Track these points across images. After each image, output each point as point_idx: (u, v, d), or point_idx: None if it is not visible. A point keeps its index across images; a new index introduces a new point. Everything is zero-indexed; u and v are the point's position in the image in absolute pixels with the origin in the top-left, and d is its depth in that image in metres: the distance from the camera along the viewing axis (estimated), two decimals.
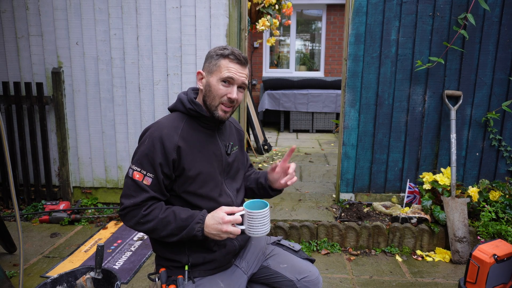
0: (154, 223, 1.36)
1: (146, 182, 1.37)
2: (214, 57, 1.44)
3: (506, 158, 3.18)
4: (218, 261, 1.48)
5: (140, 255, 2.81)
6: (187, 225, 1.35)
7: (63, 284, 1.70)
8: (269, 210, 1.40)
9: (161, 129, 1.40)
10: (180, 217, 1.36)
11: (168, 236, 1.37)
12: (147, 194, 1.36)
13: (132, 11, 3.28)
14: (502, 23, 3.00)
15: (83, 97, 3.44)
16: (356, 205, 3.26)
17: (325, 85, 6.99)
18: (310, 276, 1.57)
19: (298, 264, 1.60)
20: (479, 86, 3.11)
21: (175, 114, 1.49)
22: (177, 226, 1.35)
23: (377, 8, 3.05)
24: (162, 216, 1.36)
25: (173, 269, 1.48)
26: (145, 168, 1.37)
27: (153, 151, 1.37)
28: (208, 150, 1.48)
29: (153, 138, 1.38)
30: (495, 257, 2.16)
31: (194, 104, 1.45)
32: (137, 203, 1.36)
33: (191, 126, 1.46)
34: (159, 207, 1.38)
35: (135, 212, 1.37)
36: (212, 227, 1.34)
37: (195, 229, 1.35)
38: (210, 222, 1.35)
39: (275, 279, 1.59)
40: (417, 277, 2.59)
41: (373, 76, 3.15)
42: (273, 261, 1.61)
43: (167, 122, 1.44)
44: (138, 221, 1.37)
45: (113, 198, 3.60)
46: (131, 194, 1.37)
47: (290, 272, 1.57)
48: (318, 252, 2.90)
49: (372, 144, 3.25)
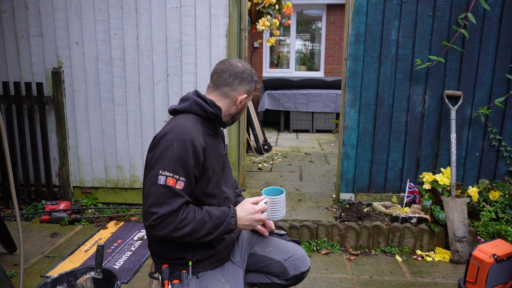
0: (192, 226, 1.36)
1: (179, 186, 1.35)
2: (252, 82, 1.57)
3: (506, 158, 3.18)
4: (220, 253, 1.54)
5: (140, 255, 2.82)
6: (223, 221, 1.41)
7: (63, 284, 1.70)
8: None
9: (189, 131, 1.39)
10: (215, 215, 1.41)
11: (205, 236, 1.39)
12: (183, 199, 1.35)
13: (132, 11, 3.28)
14: (502, 23, 3.00)
15: (83, 97, 3.44)
16: (356, 205, 3.26)
17: (325, 85, 6.98)
18: (297, 254, 1.67)
19: (283, 246, 1.69)
20: (479, 86, 3.11)
21: (191, 116, 1.48)
22: (213, 224, 1.39)
23: (377, 8, 3.05)
24: (199, 217, 1.38)
25: (176, 265, 1.50)
26: (178, 172, 1.34)
27: (186, 155, 1.35)
28: (217, 151, 1.55)
29: (183, 141, 1.36)
30: (495, 257, 2.16)
31: (216, 108, 1.50)
32: (174, 210, 1.33)
33: (204, 128, 1.50)
34: (192, 210, 1.39)
35: (171, 219, 1.33)
36: (245, 218, 1.46)
37: (231, 223, 1.42)
38: (242, 214, 1.46)
39: (264, 263, 1.67)
40: (417, 277, 2.59)
41: (373, 76, 3.15)
42: (259, 246, 1.70)
43: (189, 125, 1.43)
44: (175, 227, 1.34)
45: (113, 198, 3.60)
46: (164, 201, 1.33)
47: (277, 253, 1.66)
48: (318, 252, 2.91)
49: (372, 144, 3.25)
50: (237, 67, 1.53)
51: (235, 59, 1.56)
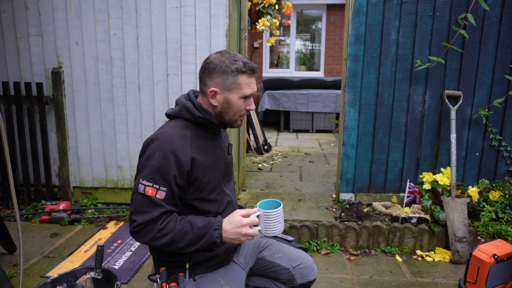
0: (171, 236, 1.32)
1: (159, 196, 1.32)
2: (230, 73, 1.38)
3: (506, 158, 3.18)
4: (218, 257, 1.50)
5: (140, 255, 2.82)
6: (206, 233, 1.33)
7: (63, 284, 1.70)
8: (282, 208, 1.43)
9: (171, 140, 1.35)
10: (197, 226, 1.34)
11: (186, 246, 1.34)
12: (162, 208, 1.32)
13: (132, 11, 3.28)
14: (502, 23, 3.00)
15: (83, 97, 3.43)
16: (356, 205, 3.26)
17: (325, 85, 6.99)
18: (305, 263, 1.63)
19: (292, 253, 1.65)
20: (479, 86, 3.11)
21: (180, 122, 1.43)
22: (195, 235, 1.33)
23: (377, 8, 3.05)
24: (178, 227, 1.33)
25: (173, 268, 1.48)
26: (158, 182, 1.32)
27: (166, 165, 1.32)
28: (216, 156, 1.48)
29: (164, 151, 1.33)
30: (495, 257, 2.16)
31: (205, 112, 1.41)
32: (152, 219, 1.31)
33: (197, 133, 1.44)
34: (174, 219, 1.35)
35: (149, 227, 1.32)
36: (230, 231, 1.33)
37: (214, 236, 1.33)
38: (227, 227, 1.34)
39: (271, 269, 1.63)
40: (417, 277, 2.59)
41: (373, 76, 3.15)
42: (268, 252, 1.66)
43: (174, 132, 1.38)
44: (154, 236, 1.32)
45: (113, 198, 3.60)
46: (143, 210, 1.32)
47: (285, 260, 1.62)
48: (318, 252, 2.91)
49: (372, 144, 3.25)
50: (208, 59, 1.42)
51: (217, 52, 1.44)
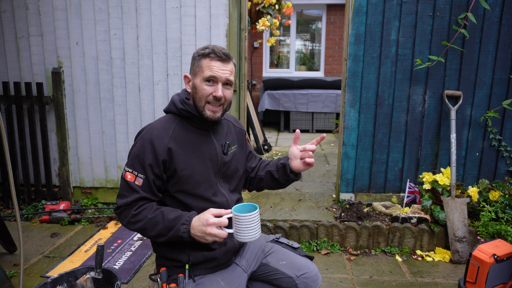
0: (143, 223, 1.39)
1: (137, 182, 1.40)
2: (196, 58, 1.45)
3: (506, 158, 3.18)
4: (218, 259, 1.49)
5: (140, 255, 2.82)
6: (174, 226, 1.37)
7: (63, 284, 1.70)
8: (258, 214, 1.32)
9: (151, 131, 1.43)
10: (168, 218, 1.38)
11: (157, 236, 1.40)
12: (137, 194, 1.40)
13: (132, 11, 3.28)
14: (502, 23, 3.00)
15: (83, 97, 3.44)
16: (356, 205, 3.26)
17: (325, 85, 6.99)
18: (310, 273, 1.59)
19: (297, 261, 1.62)
20: (479, 86, 3.11)
21: (168, 116, 1.52)
22: (164, 226, 1.37)
23: (377, 8, 3.05)
24: (150, 216, 1.38)
25: (174, 268, 1.48)
26: (136, 169, 1.41)
27: (143, 153, 1.40)
28: (202, 150, 1.48)
29: (143, 140, 1.42)
30: (495, 257, 2.16)
31: (186, 104, 1.47)
32: (128, 203, 1.40)
33: (183, 127, 1.48)
34: (149, 208, 1.41)
35: (126, 211, 1.41)
36: (197, 228, 1.34)
37: (180, 230, 1.36)
38: (195, 223, 1.35)
39: (275, 276, 1.60)
40: (417, 277, 2.59)
41: (373, 76, 3.15)
42: (272, 258, 1.62)
43: (158, 124, 1.47)
44: (129, 220, 1.40)
45: (113, 198, 3.60)
46: (124, 194, 1.41)
47: (290, 268, 1.59)
48: (318, 252, 2.91)
49: (372, 144, 3.25)
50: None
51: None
